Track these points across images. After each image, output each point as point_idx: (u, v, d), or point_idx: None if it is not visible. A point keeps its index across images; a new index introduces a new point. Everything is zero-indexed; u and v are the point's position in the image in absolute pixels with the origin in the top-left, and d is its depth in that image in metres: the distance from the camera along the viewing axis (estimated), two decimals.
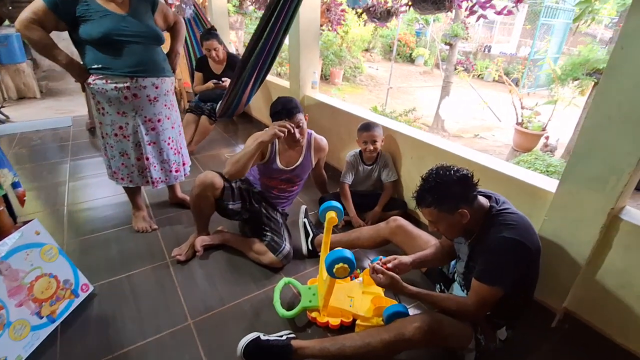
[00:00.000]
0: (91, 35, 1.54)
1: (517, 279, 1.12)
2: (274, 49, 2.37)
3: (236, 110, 2.80)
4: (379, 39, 11.20)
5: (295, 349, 1.21)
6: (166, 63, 1.80)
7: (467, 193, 1.14)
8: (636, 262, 1.24)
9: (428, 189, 1.15)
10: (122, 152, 1.79)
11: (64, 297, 1.43)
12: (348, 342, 1.18)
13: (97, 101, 1.69)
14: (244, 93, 2.60)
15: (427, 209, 1.17)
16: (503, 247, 1.10)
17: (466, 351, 1.22)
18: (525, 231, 1.12)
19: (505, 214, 1.14)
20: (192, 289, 1.61)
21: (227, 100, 2.68)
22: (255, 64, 2.37)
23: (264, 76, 2.57)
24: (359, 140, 2.07)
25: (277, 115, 1.69)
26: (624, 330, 1.32)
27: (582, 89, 4.27)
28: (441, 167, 1.17)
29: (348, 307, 1.43)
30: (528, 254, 1.12)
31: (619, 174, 1.18)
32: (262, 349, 1.20)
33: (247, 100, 2.73)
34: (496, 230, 1.11)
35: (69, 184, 2.51)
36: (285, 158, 1.83)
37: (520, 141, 4.93)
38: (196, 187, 1.66)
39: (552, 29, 8.79)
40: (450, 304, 1.20)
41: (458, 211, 1.12)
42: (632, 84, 1.11)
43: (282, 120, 1.67)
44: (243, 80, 2.47)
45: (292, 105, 1.69)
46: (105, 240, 1.91)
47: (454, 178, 1.12)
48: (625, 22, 1.11)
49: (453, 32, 5.72)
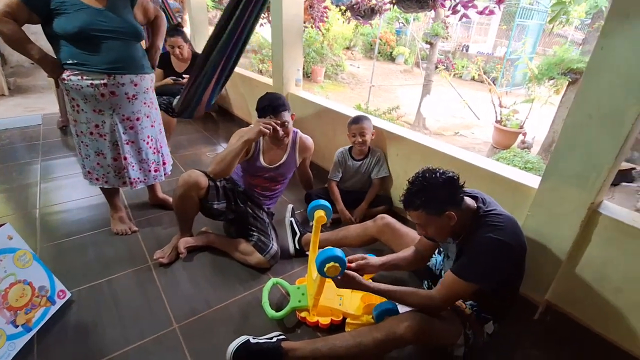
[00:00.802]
0: (66, 30, 1.46)
1: (503, 278, 1.14)
2: (239, 45, 2.25)
3: (196, 109, 2.56)
4: (360, 37, 11.24)
5: (286, 350, 1.19)
6: (145, 59, 1.73)
7: (453, 195, 1.15)
8: (614, 254, 1.29)
9: (415, 192, 1.14)
10: (97, 151, 1.71)
11: (40, 305, 1.36)
12: (339, 342, 1.17)
13: (72, 98, 1.60)
14: (205, 91, 2.42)
15: (414, 212, 1.16)
16: (489, 247, 1.11)
17: (455, 347, 1.23)
18: (513, 232, 1.14)
19: (492, 215, 1.15)
20: (177, 292, 1.56)
21: (185, 96, 2.45)
22: (217, 61, 2.23)
23: (227, 75, 2.42)
24: (349, 134, 2.07)
25: (262, 111, 1.66)
26: (602, 320, 1.38)
27: (557, 88, 4.43)
28: (427, 170, 1.17)
29: (338, 305, 1.42)
30: (513, 255, 1.14)
31: (599, 169, 1.22)
32: (252, 353, 1.17)
33: (209, 100, 2.53)
34: (483, 231, 1.12)
35: (41, 185, 2.39)
36: (269, 156, 1.80)
37: (499, 139, 5.07)
38: (179, 187, 1.61)
39: (526, 30, 9.09)
40: (414, 299, 1.20)
41: (445, 213, 1.12)
42: (611, 84, 1.14)
43: (267, 117, 1.63)
44: (204, 77, 2.31)
45: (279, 102, 1.66)
46: (82, 244, 1.82)
47: (440, 181, 1.12)
48: (606, 23, 1.14)
49: (434, 31, 5.81)
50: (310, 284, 1.48)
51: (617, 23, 1.11)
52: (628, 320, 1.29)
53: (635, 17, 1.07)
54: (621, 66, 1.12)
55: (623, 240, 1.26)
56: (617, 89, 1.14)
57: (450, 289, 1.14)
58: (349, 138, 2.09)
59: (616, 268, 1.29)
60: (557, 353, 1.41)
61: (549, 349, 1.43)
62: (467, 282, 1.11)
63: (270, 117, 1.64)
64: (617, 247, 1.28)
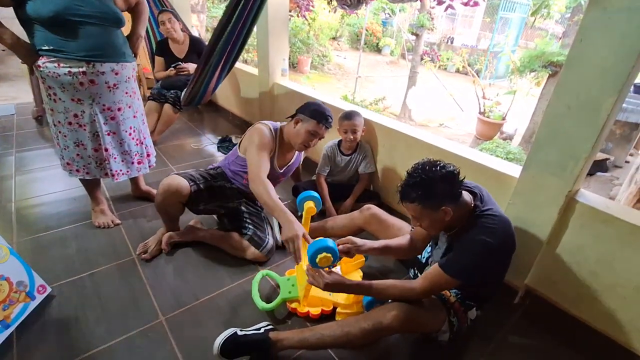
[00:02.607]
0: (40, 13, 1.39)
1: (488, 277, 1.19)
2: (242, 34, 2.28)
3: (203, 98, 2.68)
4: (346, 28, 11.17)
5: (274, 341, 1.20)
6: (127, 47, 1.67)
7: (452, 190, 1.12)
8: (589, 240, 1.35)
9: (413, 184, 1.11)
10: (77, 142, 1.65)
11: (19, 300, 1.32)
12: (327, 331, 1.18)
13: (48, 86, 1.54)
14: (211, 81, 2.50)
15: (410, 205, 1.14)
16: (478, 249, 1.12)
17: (440, 333, 1.27)
18: (504, 234, 1.15)
19: (488, 216, 1.15)
20: (162, 284, 1.54)
21: (192, 87, 2.54)
22: (223, 50, 2.28)
23: (232, 63, 2.48)
24: (340, 129, 2.05)
25: (318, 117, 1.61)
26: (577, 303, 1.44)
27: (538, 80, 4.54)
28: (427, 162, 1.13)
29: (328, 295, 1.44)
30: (501, 258, 1.18)
31: (577, 159, 1.27)
32: (240, 345, 1.18)
33: (214, 88, 2.62)
34: (477, 232, 1.12)
35: (16, 177, 2.29)
36: (281, 159, 1.78)
37: (483, 130, 5.17)
38: (160, 195, 1.57)
39: (509, 23, 9.23)
40: (393, 292, 1.20)
41: (441, 209, 1.10)
42: (589, 75, 1.18)
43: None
44: (210, 67, 2.36)
45: (332, 121, 1.66)
46: (62, 238, 1.77)
47: (440, 175, 1.09)
48: (584, 16, 1.17)
49: (419, 22, 5.82)
50: (300, 274, 1.49)
51: (595, 16, 1.13)
52: (601, 302, 1.36)
53: (612, 11, 1.10)
54: (598, 58, 1.15)
55: (597, 226, 1.31)
56: (594, 81, 1.17)
57: (433, 282, 1.16)
58: (339, 132, 2.08)
59: (591, 252, 1.35)
60: (535, 335, 1.47)
61: (528, 331, 1.49)
62: (452, 278, 1.13)
63: (320, 124, 1.61)
64: (592, 233, 1.33)
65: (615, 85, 1.14)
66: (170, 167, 2.60)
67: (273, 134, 1.68)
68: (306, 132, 1.61)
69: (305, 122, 1.62)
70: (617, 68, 1.12)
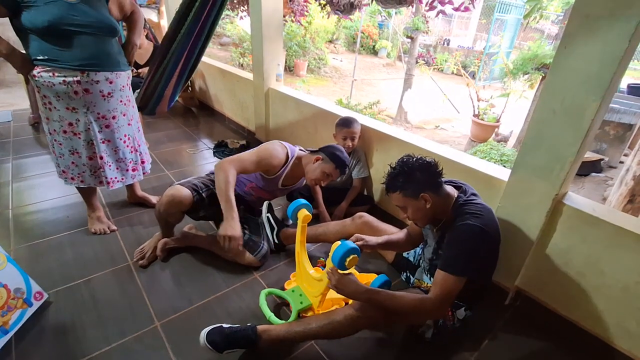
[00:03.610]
0: (36, 24, 1.41)
1: (479, 266, 1.20)
2: (202, 37, 2.14)
3: (157, 105, 2.42)
4: (342, 31, 11.22)
5: (261, 332, 1.22)
6: (121, 56, 1.69)
7: (430, 179, 1.22)
8: (577, 242, 1.37)
9: (394, 175, 1.24)
10: (72, 150, 1.67)
11: (16, 307, 1.33)
12: (313, 320, 1.23)
13: (43, 95, 1.56)
14: (167, 87, 2.28)
15: (393, 194, 1.25)
16: (467, 234, 1.16)
17: (425, 327, 1.31)
18: (489, 220, 1.20)
19: (471, 204, 1.22)
20: (158, 290, 1.56)
21: (145, 91, 2.33)
22: (178, 54, 2.11)
23: (191, 69, 2.30)
24: (338, 135, 2.06)
25: (338, 163, 1.67)
26: (566, 303, 1.47)
27: (531, 82, 4.58)
28: (407, 155, 1.27)
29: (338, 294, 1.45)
30: (490, 241, 1.21)
31: (562, 162, 1.29)
32: (227, 336, 1.20)
33: (171, 96, 2.41)
34: (462, 218, 1.18)
35: (13, 184, 2.31)
36: (289, 179, 1.81)
37: (477, 132, 5.20)
38: (163, 205, 1.59)
39: (505, 24, 9.29)
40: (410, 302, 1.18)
41: (421, 195, 1.20)
42: (574, 81, 1.21)
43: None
44: (164, 71, 2.18)
45: (348, 168, 1.74)
46: (59, 245, 1.79)
47: (417, 165, 1.22)
48: (568, 23, 1.20)
49: (414, 25, 5.87)
50: (306, 280, 1.49)
51: (578, 23, 1.16)
52: (589, 303, 1.38)
53: (594, 18, 1.13)
54: (582, 64, 1.18)
55: (584, 229, 1.34)
56: (578, 86, 1.20)
57: (443, 287, 1.16)
58: (335, 138, 2.09)
59: (579, 254, 1.38)
60: (526, 335, 1.49)
61: (518, 331, 1.51)
62: (456, 277, 1.15)
63: (337, 169, 1.67)
64: (579, 235, 1.36)
65: (599, 91, 1.17)
66: (167, 173, 2.62)
67: (287, 158, 1.73)
68: (322, 173, 1.67)
69: (324, 163, 1.68)
70: (600, 74, 1.15)
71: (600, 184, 4.03)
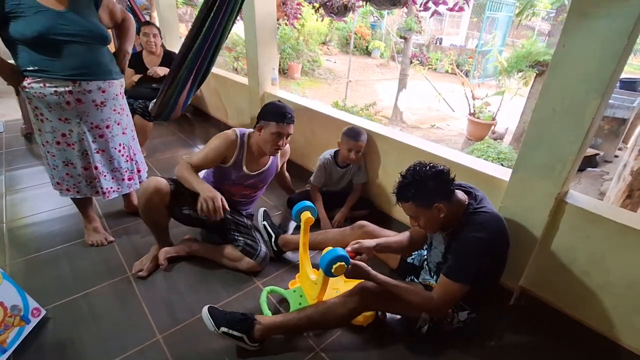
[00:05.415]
0: (24, 35, 1.38)
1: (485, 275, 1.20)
2: (213, 47, 2.25)
3: (173, 112, 2.59)
4: (335, 32, 11.23)
5: (258, 318, 1.27)
6: (113, 64, 1.66)
7: (443, 188, 1.19)
8: (580, 240, 1.37)
9: (406, 185, 1.19)
10: (66, 161, 1.64)
11: (14, 325, 1.30)
12: (309, 307, 1.28)
13: (35, 106, 1.53)
14: (181, 94, 2.43)
15: (405, 204, 1.21)
16: (475, 247, 1.16)
17: (421, 321, 1.31)
18: (497, 229, 1.19)
19: (480, 212, 1.19)
20: (158, 302, 1.53)
21: (161, 99, 2.48)
22: (193, 62, 2.24)
23: (203, 76, 2.44)
24: (343, 145, 2.01)
25: (275, 116, 1.60)
26: (572, 302, 1.46)
27: (525, 80, 4.60)
28: (418, 163, 1.22)
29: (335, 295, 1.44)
30: (496, 253, 1.21)
31: (564, 161, 1.29)
32: (225, 314, 1.25)
33: (184, 102, 2.57)
34: (470, 229, 1.17)
35: (6, 197, 2.27)
36: (252, 164, 1.77)
37: (473, 130, 5.21)
38: (140, 198, 1.57)
39: (496, 22, 9.35)
40: (415, 297, 1.24)
41: (435, 206, 1.17)
42: (573, 79, 1.20)
43: (277, 124, 1.59)
44: (180, 79, 2.32)
45: (292, 115, 1.65)
46: (55, 258, 1.75)
47: (430, 174, 1.17)
48: (566, 21, 1.19)
49: (407, 26, 5.88)
50: (307, 283, 1.48)
51: (577, 22, 1.16)
52: (595, 301, 1.38)
53: (593, 16, 1.12)
54: (581, 63, 1.17)
55: (587, 227, 1.33)
56: (578, 85, 1.19)
57: (446, 292, 1.19)
58: (340, 147, 2.04)
59: (582, 252, 1.37)
60: (532, 335, 1.48)
61: (524, 331, 1.50)
62: (458, 284, 1.16)
63: (280, 123, 1.60)
64: (582, 233, 1.35)
65: (598, 89, 1.16)
66: None
67: (239, 140, 1.69)
68: (271, 136, 1.61)
69: (267, 127, 1.62)
70: (599, 72, 1.15)
71: (596, 178, 4.05)
